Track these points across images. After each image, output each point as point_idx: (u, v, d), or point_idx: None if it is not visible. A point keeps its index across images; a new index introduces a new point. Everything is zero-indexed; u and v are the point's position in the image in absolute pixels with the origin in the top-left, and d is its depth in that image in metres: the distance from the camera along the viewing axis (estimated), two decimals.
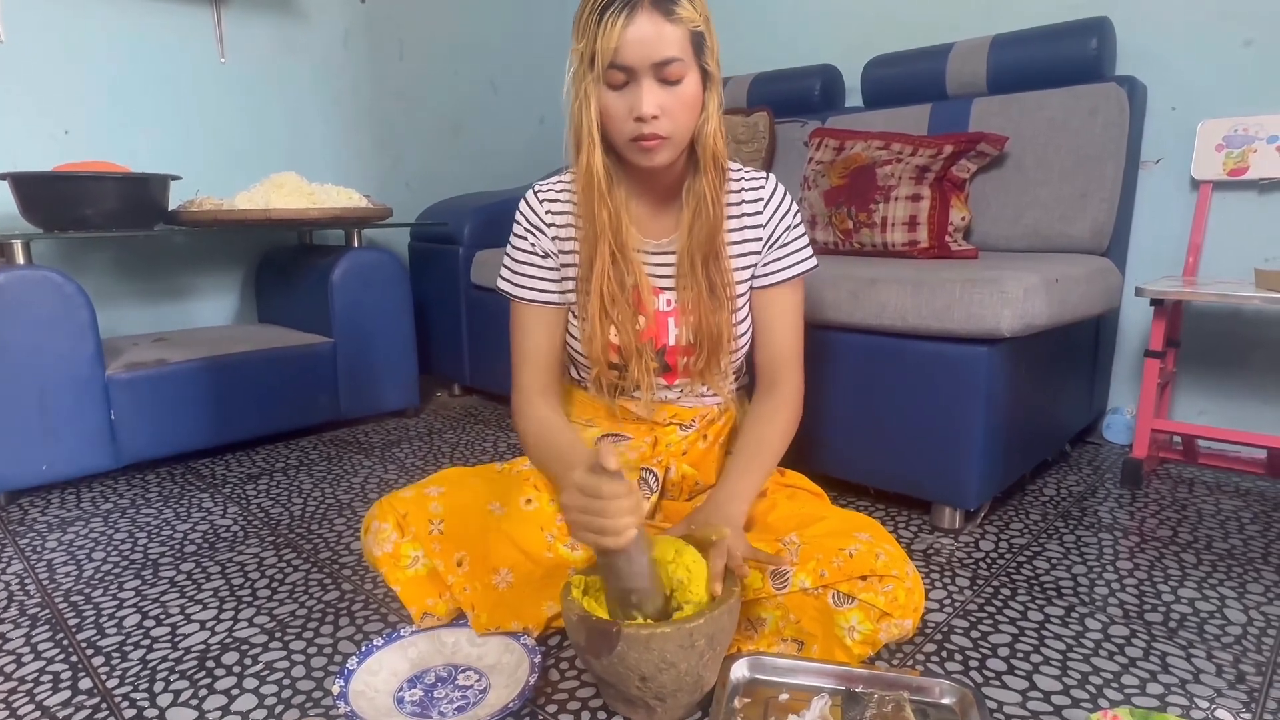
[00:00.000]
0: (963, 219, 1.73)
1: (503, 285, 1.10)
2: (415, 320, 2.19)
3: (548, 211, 1.06)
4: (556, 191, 1.06)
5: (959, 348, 1.32)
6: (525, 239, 1.07)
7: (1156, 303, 1.58)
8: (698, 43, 0.90)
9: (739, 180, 1.05)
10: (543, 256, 1.07)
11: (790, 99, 2.26)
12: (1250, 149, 1.68)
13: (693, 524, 0.94)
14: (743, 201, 1.05)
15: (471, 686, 0.94)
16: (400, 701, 0.91)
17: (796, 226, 1.07)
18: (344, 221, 2.00)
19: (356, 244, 2.13)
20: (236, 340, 1.99)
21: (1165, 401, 1.80)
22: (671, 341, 1.07)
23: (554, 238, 1.06)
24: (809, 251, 1.09)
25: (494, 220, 2.32)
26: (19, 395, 1.55)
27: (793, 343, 1.09)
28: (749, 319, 1.09)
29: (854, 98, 2.25)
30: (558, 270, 1.07)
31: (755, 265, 1.07)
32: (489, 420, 2.21)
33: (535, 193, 1.07)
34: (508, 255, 1.10)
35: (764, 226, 1.05)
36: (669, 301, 1.06)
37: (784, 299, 1.08)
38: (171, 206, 1.90)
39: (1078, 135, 1.72)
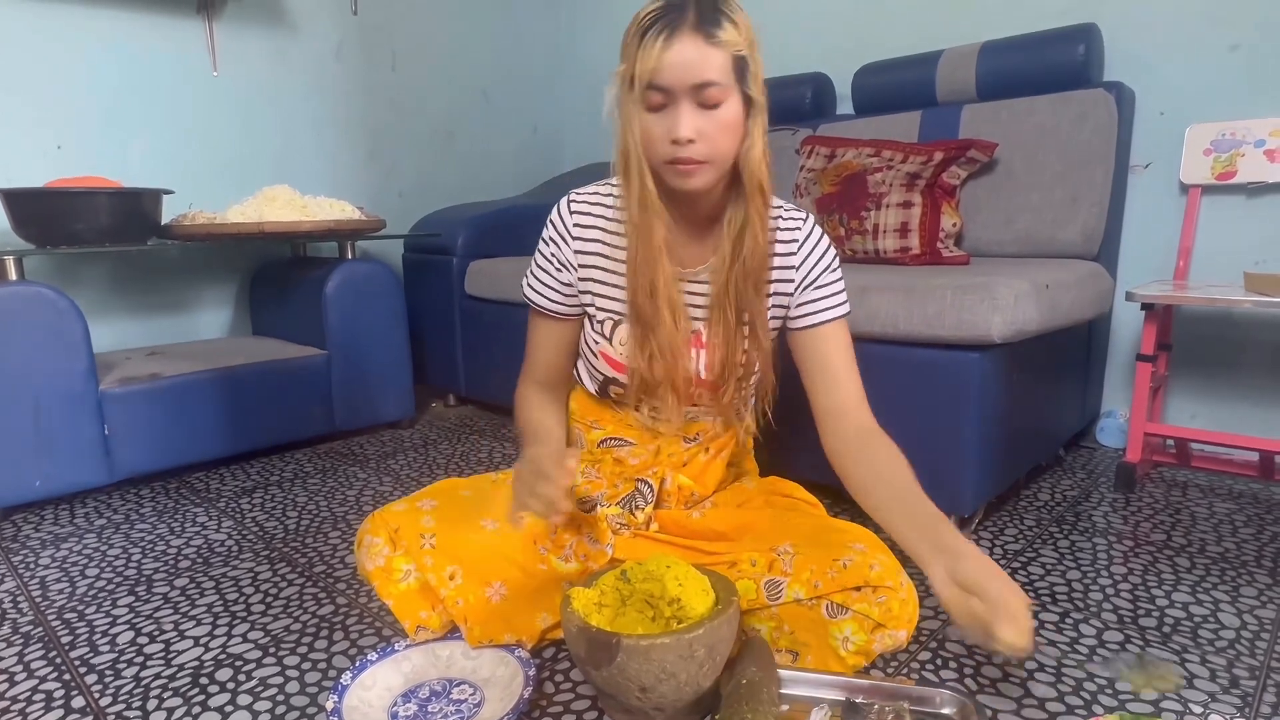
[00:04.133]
0: (954, 225, 1.74)
1: (524, 284, 1.11)
2: (410, 331, 2.19)
3: (576, 224, 1.05)
4: (590, 205, 1.05)
5: (951, 354, 1.33)
6: (549, 245, 1.07)
7: (1147, 307, 1.59)
8: (740, 67, 0.87)
9: (775, 217, 1.01)
10: (558, 269, 1.06)
11: (781, 107, 2.24)
12: (1238, 153, 1.69)
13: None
14: (777, 241, 1.01)
15: (466, 700, 0.94)
16: (394, 717, 0.91)
17: (835, 270, 1.04)
18: (337, 233, 2.00)
19: (350, 256, 2.14)
20: (231, 353, 1.99)
21: (1158, 405, 1.81)
22: (700, 374, 1.05)
23: (576, 250, 1.05)
24: (846, 297, 1.05)
25: (487, 230, 2.33)
26: (12, 411, 1.55)
27: (855, 382, 1.04)
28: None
29: (845, 105, 2.26)
30: (572, 285, 1.07)
31: (787, 307, 1.04)
32: (484, 431, 2.20)
33: (569, 201, 1.06)
34: (534, 257, 1.10)
35: (796, 269, 1.02)
36: (694, 332, 1.05)
37: (838, 338, 1.03)
38: (164, 221, 1.90)
39: (1067, 141, 1.73)
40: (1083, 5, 1.86)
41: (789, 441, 1.47)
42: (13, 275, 1.62)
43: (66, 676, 1.04)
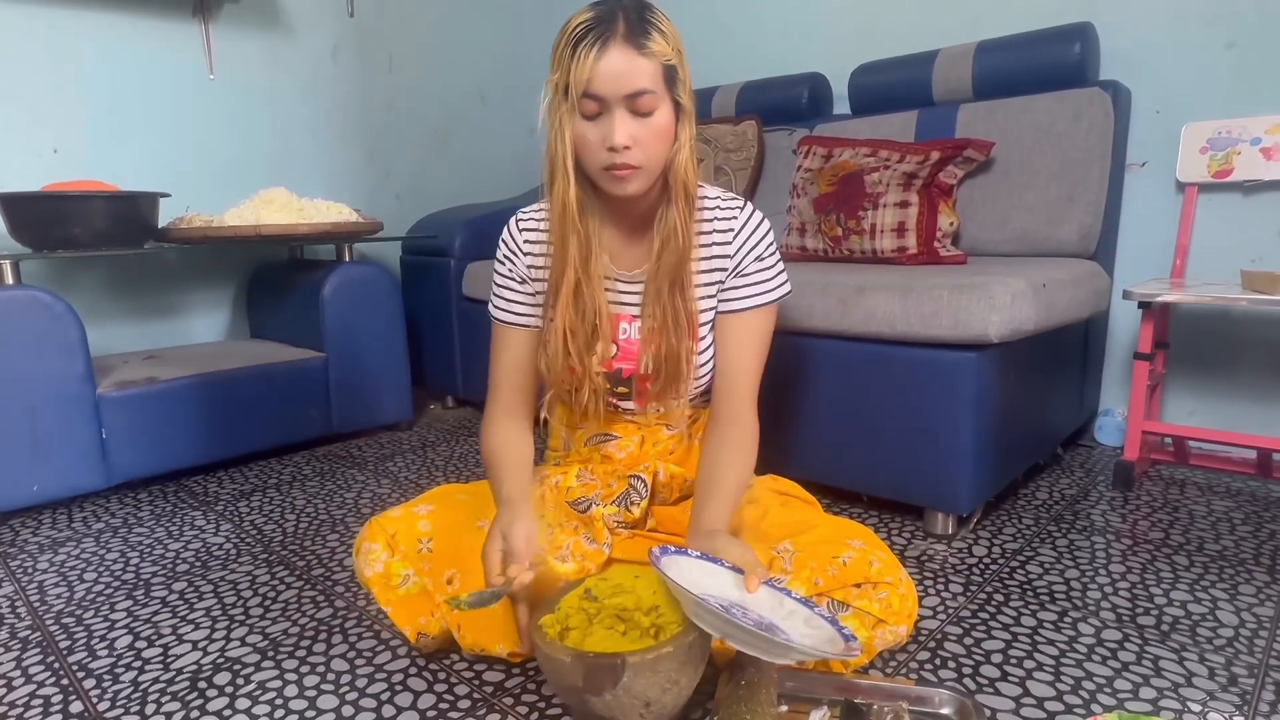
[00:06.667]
0: (951, 224, 1.74)
1: (489, 307, 1.13)
2: (407, 333, 2.19)
3: (526, 241, 1.09)
4: (537, 219, 1.09)
5: (948, 354, 1.33)
6: (504, 264, 1.11)
7: (1144, 305, 1.59)
8: (669, 75, 0.91)
9: (714, 209, 1.04)
10: (520, 282, 1.10)
11: (778, 107, 2.27)
12: (1234, 151, 1.70)
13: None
14: (714, 230, 1.04)
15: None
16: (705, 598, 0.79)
17: (765, 258, 1.04)
18: (334, 236, 2.00)
19: (347, 258, 2.13)
20: (228, 357, 1.99)
21: (1155, 403, 1.81)
22: (640, 369, 1.07)
23: (529, 265, 1.09)
24: (776, 283, 1.05)
25: (484, 232, 2.32)
26: (9, 415, 1.54)
27: (744, 372, 1.04)
28: (712, 348, 1.08)
29: (841, 105, 2.26)
30: (533, 296, 1.09)
31: (718, 294, 1.06)
32: None
33: (516, 220, 1.10)
34: (493, 278, 1.13)
35: (730, 257, 1.04)
36: (637, 330, 1.07)
37: (740, 326, 1.05)
38: (161, 224, 1.90)
39: (1063, 140, 1.73)
40: (1078, 4, 1.86)
41: (786, 440, 1.48)
42: (9, 279, 1.61)
43: (65, 681, 1.04)
